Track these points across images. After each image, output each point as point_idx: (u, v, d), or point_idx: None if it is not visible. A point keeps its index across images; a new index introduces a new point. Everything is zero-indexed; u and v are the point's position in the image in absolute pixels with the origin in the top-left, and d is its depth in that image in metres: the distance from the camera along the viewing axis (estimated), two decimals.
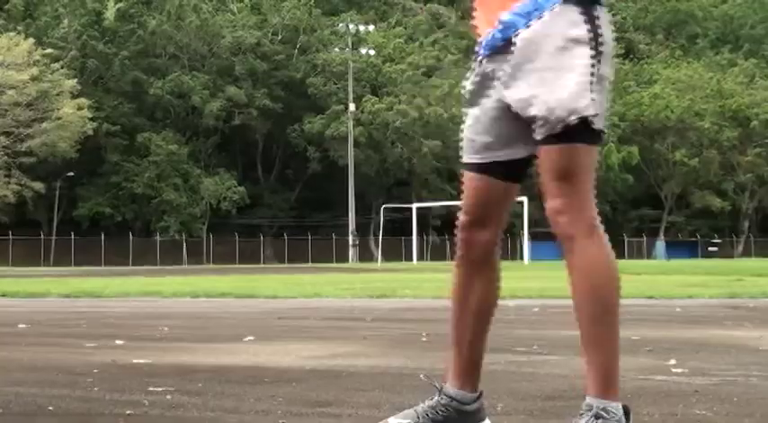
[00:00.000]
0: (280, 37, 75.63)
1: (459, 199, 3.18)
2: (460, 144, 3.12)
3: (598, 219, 2.87)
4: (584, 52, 2.80)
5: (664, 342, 6.37)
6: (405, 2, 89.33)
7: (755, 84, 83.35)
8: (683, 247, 76.74)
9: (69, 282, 21.15)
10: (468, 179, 3.08)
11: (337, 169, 69.78)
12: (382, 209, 59.15)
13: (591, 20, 2.85)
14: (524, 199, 45.88)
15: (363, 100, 70.62)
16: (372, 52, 73.53)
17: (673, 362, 5.08)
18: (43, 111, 61.96)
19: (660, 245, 77.11)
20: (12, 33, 63.00)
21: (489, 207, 3.09)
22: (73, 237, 65.06)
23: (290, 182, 75.67)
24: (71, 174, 64.95)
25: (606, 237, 2.85)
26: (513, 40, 2.88)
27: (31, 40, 62.73)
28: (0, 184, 61.13)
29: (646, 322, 8.31)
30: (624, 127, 76.61)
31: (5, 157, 61.41)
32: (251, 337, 6.79)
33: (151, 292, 15.30)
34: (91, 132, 63.07)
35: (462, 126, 3.14)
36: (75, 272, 38.10)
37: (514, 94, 2.89)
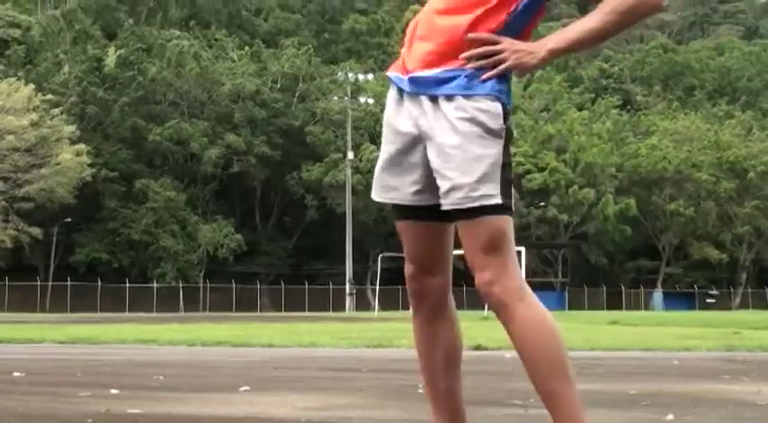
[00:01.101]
0: (279, 85, 75.99)
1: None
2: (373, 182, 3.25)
3: (523, 280, 2.97)
4: (497, 144, 2.96)
5: (661, 396, 6.34)
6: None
7: (752, 136, 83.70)
8: (680, 298, 76.59)
9: (65, 328, 21.06)
10: (403, 225, 3.16)
11: (335, 217, 69.82)
12: (380, 257, 58.86)
13: (506, 116, 3.00)
14: (522, 249, 45.81)
15: (362, 148, 70.82)
16: (371, 101, 73.85)
17: (670, 417, 5.05)
18: (42, 156, 62.03)
19: (658, 296, 76.99)
20: (12, 79, 63.27)
21: (433, 252, 3.15)
22: (69, 283, 64.86)
23: (287, 229, 75.67)
24: (68, 219, 64.92)
25: (534, 295, 2.96)
26: (441, 102, 2.99)
27: (32, 85, 62.98)
28: None
29: (643, 375, 8.28)
30: (622, 178, 76.81)
31: (3, 202, 61.40)
32: (246, 387, 6.75)
33: (147, 340, 15.24)
34: (89, 178, 63.13)
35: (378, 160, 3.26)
36: (71, 318, 37.96)
37: (432, 155, 3.02)
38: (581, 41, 3.07)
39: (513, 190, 3.08)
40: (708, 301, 74.58)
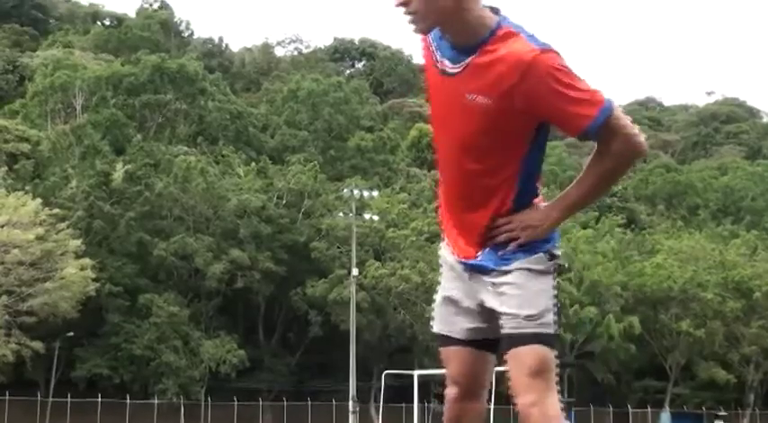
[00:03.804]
0: (285, 201, 76.45)
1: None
2: (433, 314, 3.78)
3: (561, 412, 3.42)
4: (550, 279, 3.58)
5: None
6: (409, 169, 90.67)
7: (757, 256, 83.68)
8: (688, 419, 75.59)
9: None
10: (453, 351, 3.61)
11: (339, 334, 69.39)
12: (383, 375, 58.37)
13: (553, 257, 3.64)
14: None
15: (366, 265, 70.81)
16: (376, 218, 74.09)
17: None
18: (47, 270, 62.02)
19: (665, 416, 75.94)
20: (20, 193, 63.68)
21: (478, 377, 3.59)
22: (69, 399, 64.21)
23: (290, 346, 75.17)
24: (71, 334, 64.58)
25: None
26: (497, 275, 3.57)
27: (39, 199, 63.35)
28: (0, 343, 60.68)
29: None
30: (627, 297, 76.57)
31: (7, 316, 61.14)
32: None
33: None
34: (93, 293, 63.01)
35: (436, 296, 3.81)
36: None
37: (490, 303, 3.58)
38: (582, 204, 3.68)
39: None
40: (716, 422, 73.57)
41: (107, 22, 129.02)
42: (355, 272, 68.75)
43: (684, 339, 76.89)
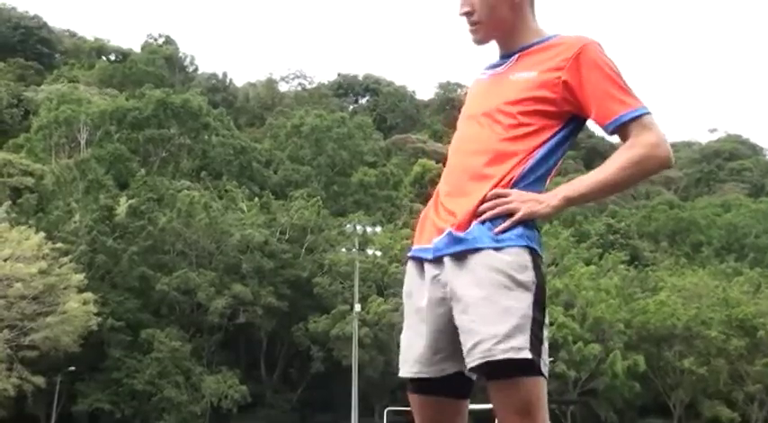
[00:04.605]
0: (287, 236, 76.44)
1: None
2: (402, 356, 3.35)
3: None
4: (527, 296, 3.10)
5: None
6: (412, 204, 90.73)
7: (761, 293, 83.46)
8: None
9: None
10: (418, 400, 3.24)
11: (341, 370, 69.13)
12: (386, 411, 58.20)
13: (537, 267, 3.17)
14: None
15: (369, 300, 70.71)
16: (379, 253, 74.07)
17: None
18: (49, 304, 61.92)
19: None
20: (23, 227, 63.71)
21: None
22: None
23: (292, 381, 74.89)
24: (72, 368, 64.38)
25: None
26: (468, 258, 3.17)
27: (42, 233, 63.36)
28: (1, 377, 60.48)
29: None
30: (630, 334, 76.32)
31: (8, 350, 60.98)
32: None
33: None
34: (95, 327, 62.88)
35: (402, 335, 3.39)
36: None
37: (457, 314, 3.15)
38: (592, 193, 3.28)
39: (546, 351, 3.12)
40: None
41: (112, 57, 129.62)
42: (358, 307, 68.59)
43: (688, 377, 76.57)
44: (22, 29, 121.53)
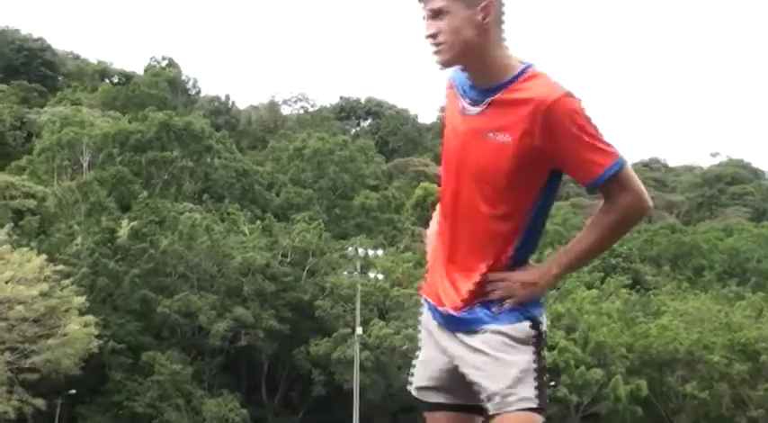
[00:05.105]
0: (289, 259, 76.41)
1: None
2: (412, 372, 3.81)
3: None
4: (527, 351, 3.46)
5: None
6: (414, 228, 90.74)
7: (763, 318, 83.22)
8: None
9: None
10: (434, 417, 3.65)
11: (342, 393, 68.96)
12: None
13: (536, 325, 3.53)
14: None
15: (371, 324, 70.59)
16: (381, 276, 74.00)
17: None
18: (50, 327, 61.82)
19: None
20: (25, 249, 63.70)
21: None
22: None
23: (293, 405, 74.66)
24: (73, 391, 64.22)
25: None
26: (479, 335, 3.53)
27: (44, 256, 63.34)
28: (2, 400, 60.31)
29: None
30: (632, 358, 76.08)
31: (9, 372, 60.85)
32: None
33: None
34: (96, 350, 62.76)
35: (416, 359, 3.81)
36: None
37: (465, 370, 3.56)
38: (579, 263, 3.60)
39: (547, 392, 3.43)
40: None
41: (115, 80, 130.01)
42: (359, 331, 68.52)
43: (690, 402, 76.28)
44: (26, 51, 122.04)
